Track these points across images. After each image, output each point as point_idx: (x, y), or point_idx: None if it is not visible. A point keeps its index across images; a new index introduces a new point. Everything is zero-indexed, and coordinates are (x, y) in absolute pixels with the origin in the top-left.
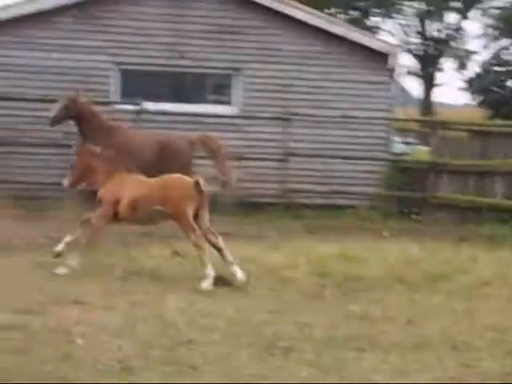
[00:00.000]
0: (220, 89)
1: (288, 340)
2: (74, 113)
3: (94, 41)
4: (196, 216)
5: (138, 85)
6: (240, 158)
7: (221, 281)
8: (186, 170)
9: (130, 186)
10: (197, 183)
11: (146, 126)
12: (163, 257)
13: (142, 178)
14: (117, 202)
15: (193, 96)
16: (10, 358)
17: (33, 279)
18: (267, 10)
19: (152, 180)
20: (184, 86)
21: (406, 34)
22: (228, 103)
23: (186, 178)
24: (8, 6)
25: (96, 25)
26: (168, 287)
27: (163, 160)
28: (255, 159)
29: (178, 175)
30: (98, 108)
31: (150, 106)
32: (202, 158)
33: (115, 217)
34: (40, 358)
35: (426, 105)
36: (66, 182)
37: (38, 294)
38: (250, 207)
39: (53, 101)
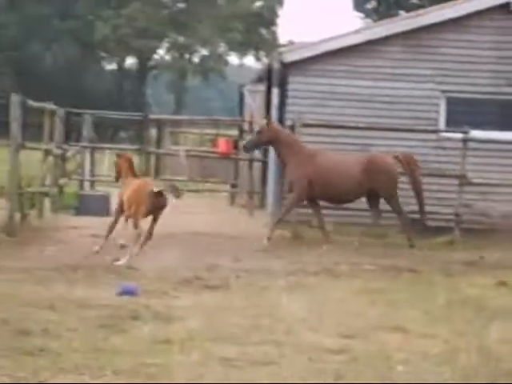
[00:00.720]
0: None
1: None
2: (268, 138)
3: (420, 69)
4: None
5: (464, 112)
6: None
7: None
8: (393, 184)
9: (126, 189)
10: (156, 192)
11: (472, 155)
12: (488, 286)
13: (137, 180)
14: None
15: None
16: (331, 381)
17: (356, 305)
18: None
19: (136, 181)
20: (511, 114)
21: None
22: None
23: (148, 184)
24: (338, 37)
25: (423, 53)
26: (492, 317)
27: (370, 175)
28: None
29: (147, 181)
30: (291, 133)
31: (476, 134)
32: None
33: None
34: (360, 382)
35: None
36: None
37: (361, 319)
38: None
39: (381, 129)
